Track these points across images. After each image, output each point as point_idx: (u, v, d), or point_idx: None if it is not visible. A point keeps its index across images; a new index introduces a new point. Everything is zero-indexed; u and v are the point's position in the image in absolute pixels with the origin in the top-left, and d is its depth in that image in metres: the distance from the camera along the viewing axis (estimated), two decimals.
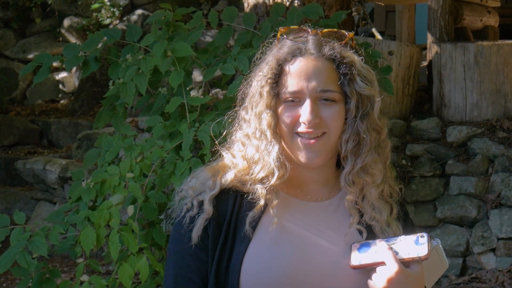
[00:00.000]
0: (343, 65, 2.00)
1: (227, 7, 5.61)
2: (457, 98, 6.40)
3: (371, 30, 8.90)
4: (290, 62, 2.01)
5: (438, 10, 6.78)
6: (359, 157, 2.00)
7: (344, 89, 1.99)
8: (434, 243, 1.93)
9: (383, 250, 1.87)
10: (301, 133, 1.98)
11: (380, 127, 2.02)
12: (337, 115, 1.98)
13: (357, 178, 2.00)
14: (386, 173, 2.04)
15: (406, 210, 2.13)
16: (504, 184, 5.78)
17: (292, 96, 1.98)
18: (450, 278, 5.74)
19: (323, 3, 6.72)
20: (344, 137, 1.99)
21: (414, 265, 1.87)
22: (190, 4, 9.34)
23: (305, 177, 2.04)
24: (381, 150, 2.02)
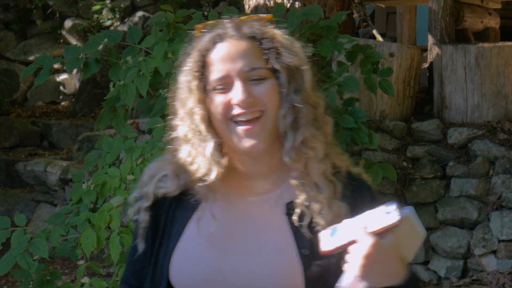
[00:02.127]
0: (265, 40, 1.95)
1: (227, 8, 5.61)
2: (458, 99, 6.40)
3: (371, 31, 8.90)
4: (212, 50, 1.95)
5: (439, 11, 6.78)
6: (298, 131, 1.93)
7: (271, 64, 1.93)
8: (406, 210, 1.81)
9: (352, 228, 1.78)
10: (237, 118, 1.91)
11: (315, 102, 1.96)
12: (270, 91, 1.92)
13: (299, 153, 1.93)
14: (329, 151, 1.97)
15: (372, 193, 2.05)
16: (505, 186, 5.78)
17: (220, 82, 1.92)
18: (451, 280, 5.74)
19: (324, 5, 6.73)
20: (282, 113, 1.93)
21: (387, 235, 1.76)
22: (191, 6, 9.35)
23: (249, 169, 1.97)
24: (320, 125, 1.96)
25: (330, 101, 5.26)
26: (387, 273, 1.77)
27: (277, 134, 1.95)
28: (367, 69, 5.44)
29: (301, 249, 1.90)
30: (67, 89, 10.67)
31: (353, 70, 5.95)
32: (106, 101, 5.32)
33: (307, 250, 1.89)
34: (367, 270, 1.75)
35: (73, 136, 9.35)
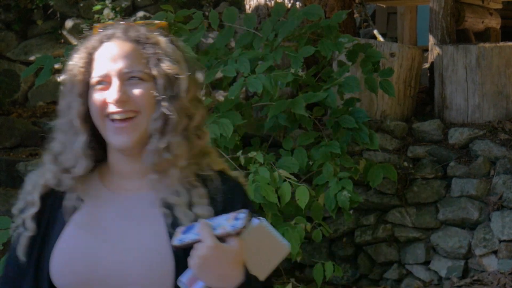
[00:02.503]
0: (148, 46, 2.03)
1: (227, 8, 5.60)
2: (459, 100, 6.39)
3: (372, 32, 8.90)
4: (98, 49, 2.05)
5: (440, 12, 6.78)
6: (164, 137, 2.00)
7: (151, 69, 2.01)
8: (256, 221, 1.88)
9: (201, 228, 1.87)
10: (112, 116, 2.00)
11: (191, 113, 2.04)
12: (145, 94, 2.00)
13: (160, 157, 2.00)
14: (198, 160, 2.04)
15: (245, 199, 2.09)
16: (506, 186, 5.77)
17: (100, 79, 2.01)
18: (452, 281, 5.74)
19: (325, 5, 6.72)
20: (153, 116, 2.00)
21: (231, 240, 1.85)
22: (191, 6, 9.34)
23: (125, 167, 2.05)
24: (190, 136, 2.03)
25: (331, 101, 5.26)
26: (221, 276, 1.86)
27: (149, 138, 2.02)
28: (367, 69, 5.43)
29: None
30: None
31: (353, 71, 5.95)
32: None
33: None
34: (202, 270, 1.85)
35: None
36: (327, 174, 5.11)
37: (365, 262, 6.09)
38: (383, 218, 6.04)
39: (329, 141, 5.21)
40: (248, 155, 5.02)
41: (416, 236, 5.96)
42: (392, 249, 6.03)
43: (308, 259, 6.02)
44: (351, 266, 6.12)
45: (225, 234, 1.85)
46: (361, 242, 6.04)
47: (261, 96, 5.40)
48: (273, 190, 4.74)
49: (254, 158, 4.96)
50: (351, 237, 6.08)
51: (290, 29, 5.38)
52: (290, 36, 5.49)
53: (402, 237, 5.98)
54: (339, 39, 5.41)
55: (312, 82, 5.47)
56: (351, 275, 6.11)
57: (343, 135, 5.31)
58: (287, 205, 4.93)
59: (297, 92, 5.67)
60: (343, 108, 5.38)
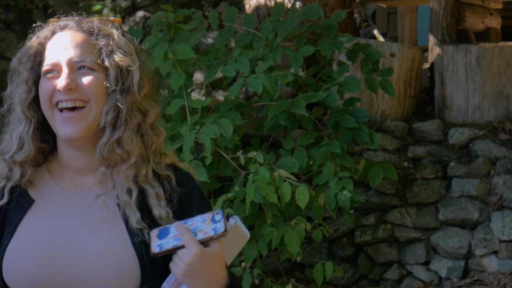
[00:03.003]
0: (101, 37, 2.02)
1: (227, 8, 5.60)
2: (459, 100, 6.39)
3: (372, 31, 8.89)
4: (50, 39, 2.04)
5: (440, 12, 6.77)
6: (116, 130, 1.98)
7: (103, 61, 2.00)
8: (232, 221, 1.90)
9: (181, 233, 1.85)
10: (60, 104, 1.97)
11: (145, 109, 2.03)
12: (95, 83, 1.98)
13: (111, 151, 1.98)
14: (152, 158, 2.02)
15: (205, 197, 2.10)
16: (506, 186, 5.76)
17: (51, 67, 1.99)
18: (452, 281, 5.73)
19: (325, 5, 6.72)
20: (105, 109, 1.98)
21: (213, 244, 1.85)
22: (191, 6, 9.33)
23: (77, 162, 2.02)
24: (144, 133, 2.01)
25: (331, 101, 5.25)
26: (209, 280, 1.86)
27: (99, 131, 2.00)
28: (367, 68, 5.43)
29: (134, 236, 1.95)
30: None
31: (353, 70, 5.94)
32: None
33: (140, 238, 1.95)
34: (188, 276, 1.84)
35: None
36: (327, 174, 5.10)
37: (365, 262, 6.08)
38: (383, 218, 6.03)
39: (329, 141, 5.21)
40: (248, 155, 5.01)
41: (416, 236, 5.95)
42: (392, 249, 6.02)
43: (308, 259, 6.02)
44: (351, 266, 6.12)
45: (208, 238, 1.84)
46: (361, 242, 6.04)
47: (261, 96, 5.40)
48: (273, 190, 4.74)
49: (254, 158, 4.95)
50: (351, 237, 6.08)
51: (289, 29, 5.37)
52: (290, 35, 5.49)
53: (402, 237, 5.98)
54: (339, 39, 5.40)
55: (312, 82, 5.47)
56: (351, 275, 6.10)
57: (343, 135, 5.31)
58: (287, 205, 4.93)
59: (297, 92, 5.66)
60: (343, 108, 5.37)
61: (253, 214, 5.04)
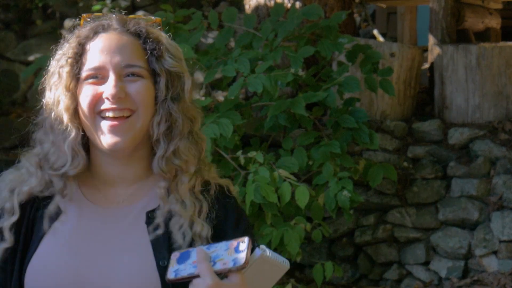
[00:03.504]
0: (150, 40, 1.87)
1: (227, 8, 5.60)
2: (459, 100, 6.38)
3: (372, 32, 8.89)
4: (92, 39, 1.87)
5: (440, 12, 6.77)
6: (172, 141, 1.85)
7: (152, 66, 1.86)
8: (258, 252, 1.72)
9: (199, 261, 1.70)
10: (105, 113, 1.82)
11: (193, 116, 1.89)
12: (144, 91, 1.83)
13: (169, 163, 1.85)
14: (202, 167, 1.90)
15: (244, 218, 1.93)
16: (506, 186, 5.76)
17: (94, 72, 1.83)
18: (452, 281, 5.73)
19: (325, 5, 6.72)
20: (156, 119, 1.84)
21: (232, 276, 1.69)
22: (191, 6, 9.33)
23: (111, 175, 1.88)
24: (195, 140, 1.89)
25: (331, 101, 5.25)
26: None
27: (147, 139, 1.87)
28: (367, 69, 5.43)
29: (160, 260, 1.82)
30: None
31: (353, 70, 5.94)
32: None
33: (166, 261, 1.80)
34: None
35: None
36: (327, 174, 5.10)
37: (365, 262, 6.08)
38: (383, 218, 6.03)
39: (329, 141, 5.21)
40: (248, 155, 5.01)
41: (416, 236, 5.95)
42: (392, 249, 6.02)
43: (308, 259, 6.01)
44: (351, 266, 6.11)
45: (226, 270, 1.70)
46: (361, 242, 6.04)
47: (260, 96, 5.40)
48: (273, 190, 4.74)
49: (254, 158, 4.95)
50: (351, 237, 6.08)
51: (289, 29, 5.37)
52: (290, 36, 5.49)
53: (402, 237, 5.98)
54: (339, 40, 5.40)
55: (311, 82, 5.47)
56: (351, 275, 6.10)
57: (343, 135, 5.31)
58: (287, 205, 4.93)
59: (296, 92, 5.66)
60: (343, 108, 5.37)
61: (253, 214, 5.04)
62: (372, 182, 5.41)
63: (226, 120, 4.88)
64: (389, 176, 5.47)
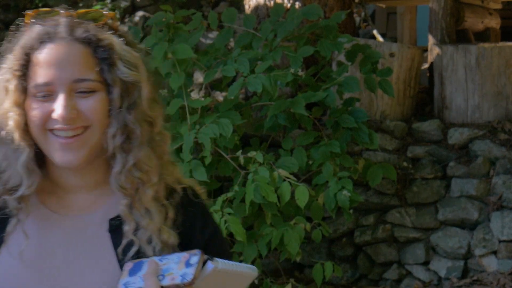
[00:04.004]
0: (101, 49, 1.70)
1: (226, 8, 5.61)
2: (459, 100, 6.39)
3: (372, 32, 8.89)
4: (38, 50, 1.69)
5: (440, 12, 6.77)
6: (130, 153, 1.71)
7: (104, 77, 1.70)
8: (210, 266, 1.60)
9: (146, 275, 1.60)
10: (57, 131, 1.68)
11: (152, 118, 1.74)
12: (98, 105, 1.68)
13: (130, 177, 1.71)
14: (164, 171, 1.76)
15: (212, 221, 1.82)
16: (506, 186, 5.77)
17: (42, 89, 1.68)
18: (451, 281, 5.74)
19: (324, 5, 6.72)
20: (110, 132, 1.69)
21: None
22: (191, 6, 9.34)
23: (69, 183, 1.75)
24: (156, 144, 1.75)
25: (331, 101, 5.26)
26: None
27: (101, 150, 1.73)
28: (367, 69, 5.43)
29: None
30: None
31: (353, 70, 5.95)
32: None
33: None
34: None
35: None
36: (326, 174, 5.11)
37: (364, 262, 6.08)
38: (382, 218, 6.03)
39: (329, 141, 5.21)
40: (248, 155, 5.02)
41: (415, 236, 5.95)
42: (392, 249, 6.02)
43: (307, 259, 6.02)
44: (351, 266, 6.12)
45: (173, 286, 1.59)
46: (360, 242, 6.04)
47: (260, 96, 5.40)
48: (272, 190, 4.74)
49: (254, 158, 4.96)
50: (351, 237, 6.08)
51: (289, 29, 5.38)
52: (289, 36, 5.49)
53: (401, 237, 5.98)
54: (339, 39, 5.41)
55: (311, 82, 5.47)
56: (351, 275, 6.10)
57: (343, 135, 5.32)
58: (286, 205, 4.93)
59: (296, 92, 5.66)
60: (343, 107, 5.38)
61: (253, 214, 5.04)
62: (371, 182, 5.42)
63: (225, 120, 4.89)
64: (388, 176, 5.48)
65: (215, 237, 1.80)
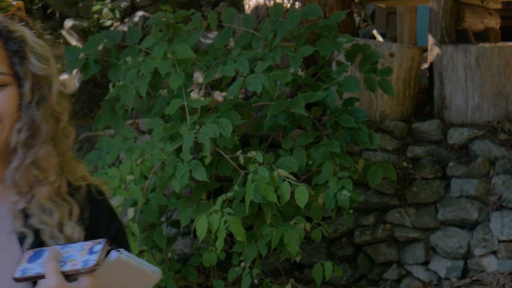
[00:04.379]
0: (12, 41, 1.66)
1: (226, 8, 5.61)
2: (458, 100, 6.39)
3: (372, 32, 8.90)
4: None
5: (439, 12, 6.77)
6: (30, 150, 1.66)
7: (15, 70, 1.66)
8: (114, 254, 1.58)
9: (46, 260, 1.56)
10: None
11: (59, 113, 1.70)
12: (9, 100, 1.64)
13: (26, 174, 1.66)
14: (66, 168, 1.73)
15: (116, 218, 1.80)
16: (506, 186, 5.77)
17: None
18: (451, 281, 5.74)
19: (324, 5, 6.72)
20: (17, 126, 1.65)
21: (82, 279, 1.56)
22: (190, 6, 9.34)
23: None
24: (59, 140, 1.71)
25: (331, 100, 5.26)
26: None
27: (8, 145, 1.68)
28: (366, 68, 5.44)
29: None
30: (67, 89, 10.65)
31: (353, 70, 5.95)
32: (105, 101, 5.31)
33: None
34: None
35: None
36: (326, 174, 5.11)
37: (364, 262, 6.09)
38: (382, 218, 6.03)
39: (329, 141, 5.21)
40: (248, 154, 5.02)
41: (415, 236, 5.95)
42: (392, 249, 6.03)
43: (307, 259, 6.02)
44: (351, 266, 6.12)
45: (74, 271, 1.57)
46: (360, 242, 6.04)
47: (260, 96, 5.41)
48: (272, 190, 4.75)
49: (254, 158, 4.96)
50: (351, 237, 6.08)
51: (288, 29, 5.38)
52: (289, 36, 5.49)
53: (401, 237, 5.98)
54: (338, 39, 5.41)
55: (311, 82, 5.47)
56: (351, 275, 6.10)
57: (343, 135, 5.32)
58: (286, 204, 4.94)
59: (296, 92, 5.67)
60: (342, 107, 5.38)
61: (253, 214, 5.05)
62: (371, 182, 5.42)
63: (225, 120, 4.89)
64: (388, 176, 5.48)
65: (121, 234, 1.78)
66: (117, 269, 1.60)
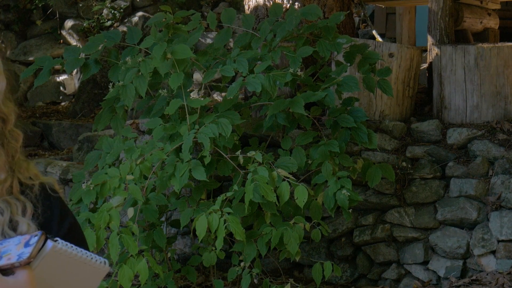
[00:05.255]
0: None
1: (225, 9, 5.62)
2: (458, 100, 6.40)
3: (371, 32, 8.90)
4: None
5: (439, 12, 6.78)
6: None
7: None
8: (50, 244, 1.56)
9: None
10: None
11: (5, 115, 1.71)
12: None
13: None
14: (16, 168, 1.73)
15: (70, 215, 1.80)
16: (505, 186, 5.78)
17: None
18: (450, 280, 5.75)
19: (324, 5, 6.73)
20: None
21: (19, 272, 1.55)
22: (190, 7, 9.35)
23: None
24: (7, 141, 1.71)
25: (330, 100, 5.27)
26: None
27: None
28: (365, 69, 5.45)
29: None
30: (67, 89, 10.67)
31: (352, 70, 5.96)
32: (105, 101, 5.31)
33: None
34: None
35: (73, 136, 9.35)
36: (326, 173, 5.12)
37: (363, 262, 6.10)
38: (381, 218, 6.05)
39: (328, 140, 5.22)
40: (247, 154, 5.03)
41: (414, 236, 5.97)
42: (391, 249, 6.04)
43: (307, 258, 6.03)
44: (350, 266, 6.13)
45: (9, 266, 1.55)
46: (359, 242, 6.05)
47: (259, 96, 5.42)
48: (272, 190, 4.76)
49: (253, 158, 4.97)
50: (350, 237, 6.09)
51: (288, 29, 5.39)
52: (288, 36, 5.50)
53: (400, 237, 5.99)
54: (337, 40, 5.42)
55: (310, 82, 5.48)
56: (350, 275, 6.11)
57: (342, 134, 5.33)
58: (286, 204, 4.95)
59: (295, 91, 5.68)
60: (342, 107, 5.39)
61: (252, 214, 5.06)
62: (370, 182, 5.43)
63: (225, 120, 4.90)
64: (387, 176, 5.49)
65: (74, 229, 1.78)
66: (55, 259, 1.57)
